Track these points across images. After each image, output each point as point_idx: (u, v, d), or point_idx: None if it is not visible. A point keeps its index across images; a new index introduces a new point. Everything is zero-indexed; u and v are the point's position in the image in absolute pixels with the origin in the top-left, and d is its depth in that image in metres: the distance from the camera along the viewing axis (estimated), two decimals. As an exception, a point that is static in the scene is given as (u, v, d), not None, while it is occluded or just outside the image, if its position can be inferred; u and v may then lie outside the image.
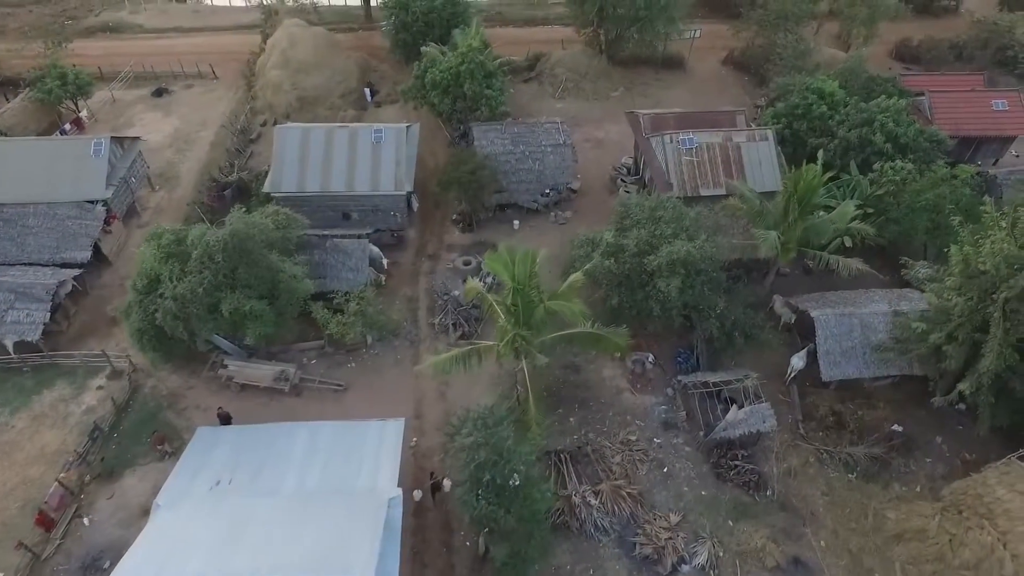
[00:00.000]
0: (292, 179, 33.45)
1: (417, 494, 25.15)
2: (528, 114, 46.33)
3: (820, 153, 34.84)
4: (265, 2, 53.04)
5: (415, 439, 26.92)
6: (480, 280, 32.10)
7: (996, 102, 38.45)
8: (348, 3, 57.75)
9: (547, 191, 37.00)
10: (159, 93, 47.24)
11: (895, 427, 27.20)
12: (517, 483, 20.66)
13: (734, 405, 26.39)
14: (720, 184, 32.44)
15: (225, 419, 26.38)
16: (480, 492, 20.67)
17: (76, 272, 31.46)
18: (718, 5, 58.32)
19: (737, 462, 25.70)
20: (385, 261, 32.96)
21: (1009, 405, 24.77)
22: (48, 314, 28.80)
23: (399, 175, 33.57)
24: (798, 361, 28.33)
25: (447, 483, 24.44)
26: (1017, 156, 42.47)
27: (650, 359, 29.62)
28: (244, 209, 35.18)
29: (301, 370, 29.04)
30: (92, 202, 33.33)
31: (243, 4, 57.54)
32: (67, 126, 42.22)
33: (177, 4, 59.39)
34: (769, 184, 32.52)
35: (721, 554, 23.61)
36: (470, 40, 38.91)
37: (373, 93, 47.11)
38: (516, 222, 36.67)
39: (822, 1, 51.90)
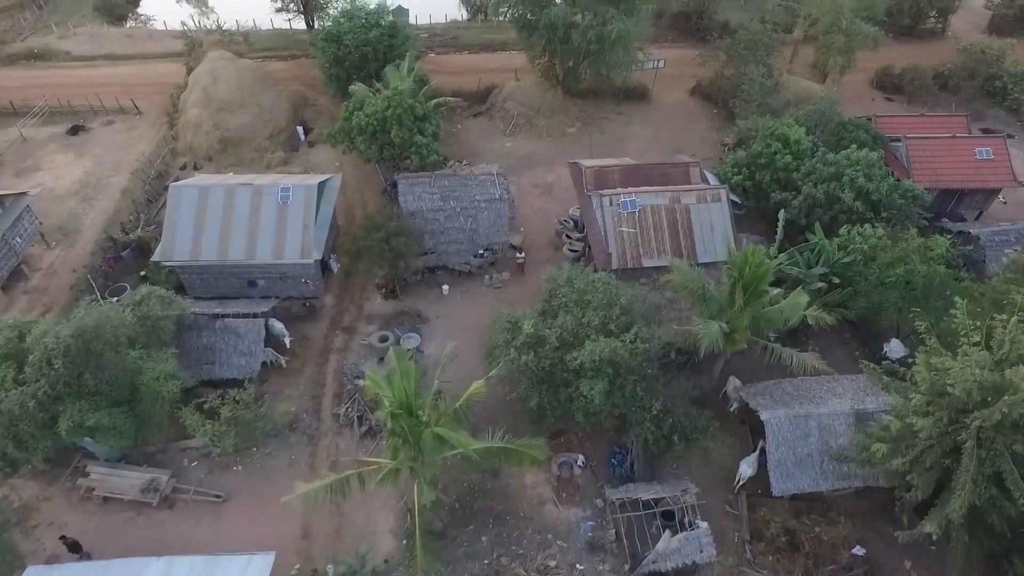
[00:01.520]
0: (185, 245, 29.65)
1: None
2: (475, 153, 42.75)
3: (781, 213, 31.40)
4: (188, 32, 48.98)
5: (297, 566, 23.14)
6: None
7: (980, 150, 34.71)
8: (293, 26, 53.92)
9: (481, 252, 33.25)
10: (74, 131, 43.39)
11: (857, 550, 23.48)
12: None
13: (667, 531, 22.62)
14: (666, 253, 28.70)
15: (73, 547, 22.61)
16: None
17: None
18: (688, 29, 54.86)
19: (669, 600, 21.98)
20: (288, 339, 29.18)
21: (988, 533, 21.03)
22: None
23: (306, 241, 29.79)
24: (747, 468, 24.62)
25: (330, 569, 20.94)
26: (1005, 203, 38.83)
27: (579, 461, 25.88)
28: (142, 273, 32.30)
29: (177, 476, 25.26)
30: (-41, 272, 29.64)
31: (180, 28, 53.58)
32: (-38, 172, 38.50)
33: (110, 28, 55.48)
34: (721, 253, 28.74)
35: None
36: (396, 82, 35.10)
37: (307, 131, 43.36)
38: (446, 287, 32.90)
39: (796, 28, 48.17)
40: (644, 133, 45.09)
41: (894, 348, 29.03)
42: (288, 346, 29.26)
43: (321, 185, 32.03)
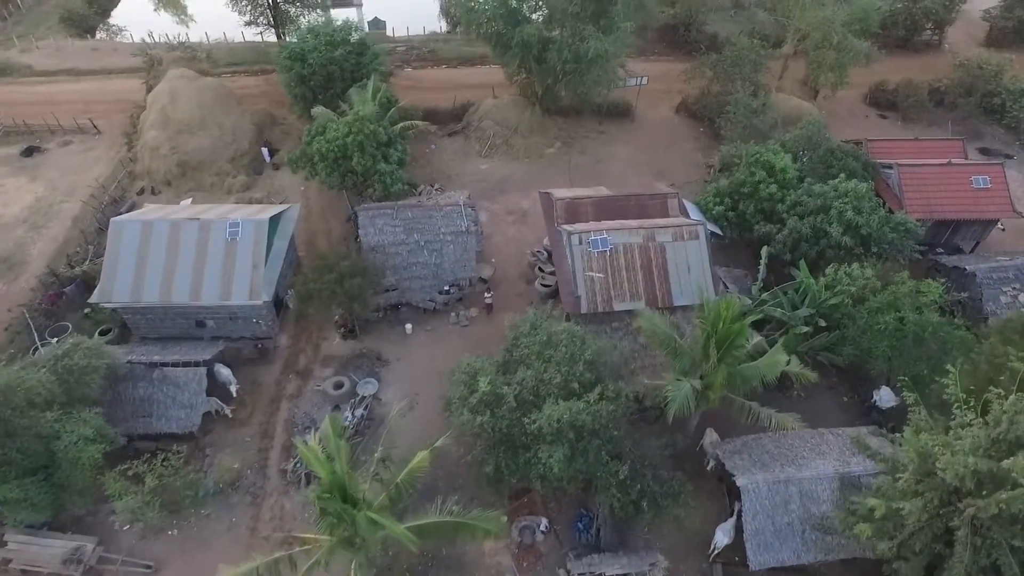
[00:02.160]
0: (126, 286, 27.67)
1: None
2: (448, 176, 40.79)
3: (764, 250, 29.49)
4: (147, 49, 46.91)
5: (230, 650, 21.17)
6: (350, 414, 26.58)
7: (976, 178, 32.72)
8: (264, 38, 51.81)
9: (447, 288, 31.31)
10: (29, 152, 41.47)
11: (841, 629, 21.61)
12: None
13: (632, 613, 20.73)
14: (639, 296, 26.74)
15: (-19, 631, 20.70)
16: None
17: None
18: (675, 41, 52.90)
19: None
20: (234, 387, 27.20)
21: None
22: None
23: (255, 281, 27.81)
24: (722, 537, 22.68)
25: None
26: (1003, 229, 36.82)
27: (543, 525, 23.91)
28: (87, 311, 30.35)
29: (105, 543, 23.30)
30: None
31: (141, 43, 51.53)
32: (-96, 199, 36.54)
33: (74, 42, 53.35)
34: (699, 295, 26.73)
35: None
36: (359, 105, 33.13)
37: (272, 153, 41.39)
38: (409, 326, 30.93)
39: (786, 43, 46.17)
40: (627, 153, 43.15)
41: (884, 397, 27.06)
42: (235, 394, 27.29)
43: (275, 218, 30.10)
